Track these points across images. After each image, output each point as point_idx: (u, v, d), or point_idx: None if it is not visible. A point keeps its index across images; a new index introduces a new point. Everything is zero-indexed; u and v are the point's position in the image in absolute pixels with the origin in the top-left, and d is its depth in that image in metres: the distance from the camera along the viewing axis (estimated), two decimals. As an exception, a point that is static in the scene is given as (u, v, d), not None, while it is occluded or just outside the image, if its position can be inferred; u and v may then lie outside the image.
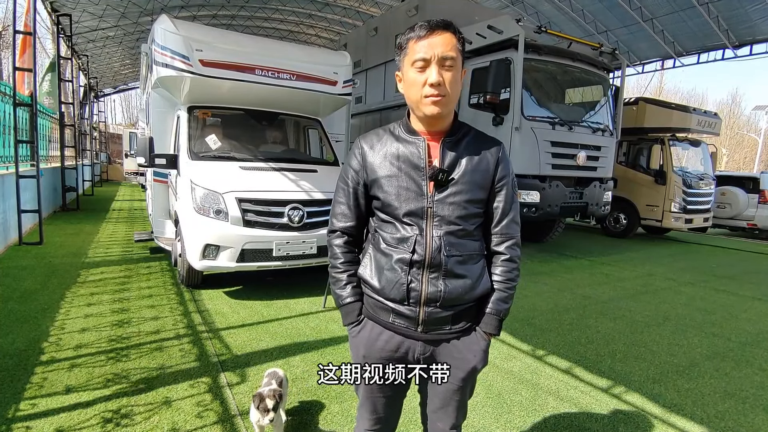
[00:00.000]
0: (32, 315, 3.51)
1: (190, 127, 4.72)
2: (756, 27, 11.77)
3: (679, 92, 40.12)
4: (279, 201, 4.19)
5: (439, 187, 1.23)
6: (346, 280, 1.35)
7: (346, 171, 1.35)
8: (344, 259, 1.35)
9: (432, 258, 1.22)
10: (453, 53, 1.17)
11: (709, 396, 2.79)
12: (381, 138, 1.31)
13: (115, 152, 24.40)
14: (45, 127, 8.99)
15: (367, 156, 1.30)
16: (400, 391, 1.41)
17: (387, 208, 1.27)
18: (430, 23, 1.18)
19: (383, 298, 1.28)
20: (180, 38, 4.25)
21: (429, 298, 1.24)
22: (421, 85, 1.18)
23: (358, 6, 15.38)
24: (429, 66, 1.17)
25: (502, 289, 1.32)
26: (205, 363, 2.86)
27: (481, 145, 1.29)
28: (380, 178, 1.26)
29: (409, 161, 1.25)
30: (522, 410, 2.52)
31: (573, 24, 13.47)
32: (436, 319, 1.26)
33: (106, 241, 6.61)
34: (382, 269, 1.27)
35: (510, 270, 1.33)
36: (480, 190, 1.26)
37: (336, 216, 1.37)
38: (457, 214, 1.23)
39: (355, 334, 1.35)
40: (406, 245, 1.24)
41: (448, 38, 1.17)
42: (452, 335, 1.31)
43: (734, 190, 11.15)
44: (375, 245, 1.32)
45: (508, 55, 6.21)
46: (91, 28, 14.30)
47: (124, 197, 13.84)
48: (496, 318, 1.32)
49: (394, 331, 1.30)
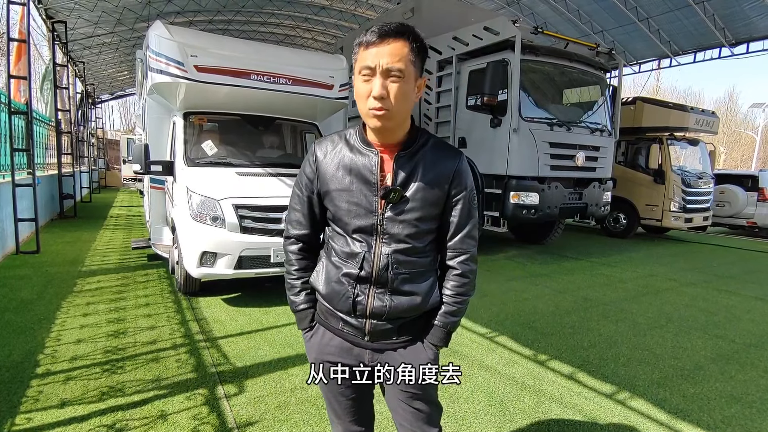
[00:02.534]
0: (28, 326, 3.46)
1: (186, 133, 4.68)
2: (753, 24, 11.77)
3: (675, 91, 40.25)
4: (276, 207, 4.15)
5: (390, 205, 1.20)
6: (300, 287, 1.36)
7: (300, 177, 1.32)
8: (298, 266, 1.35)
9: (379, 275, 1.22)
10: (401, 65, 1.09)
11: (715, 400, 2.75)
12: (336, 146, 1.26)
13: (113, 158, 24.38)
14: (42, 135, 8.95)
15: (320, 165, 1.26)
16: (357, 397, 1.38)
17: (338, 222, 1.26)
18: (382, 29, 1.10)
19: (332, 306, 1.28)
20: (174, 44, 4.21)
21: (374, 312, 1.24)
22: (365, 97, 1.12)
23: (354, 9, 15.39)
24: (374, 76, 1.11)
25: (450, 303, 1.30)
26: (202, 374, 2.82)
27: (437, 158, 1.23)
28: (332, 191, 1.24)
29: (361, 175, 1.20)
30: (525, 418, 2.48)
31: (569, 24, 13.48)
32: (381, 331, 1.27)
33: (104, 248, 6.56)
34: (331, 280, 1.27)
35: (461, 285, 1.30)
36: (433, 207, 1.23)
37: (291, 222, 1.35)
38: (407, 232, 1.21)
39: (308, 339, 1.37)
40: (354, 261, 1.23)
41: (398, 47, 1.10)
42: (398, 345, 1.30)
43: (733, 189, 11.14)
44: (327, 255, 1.31)
45: (505, 57, 6.19)
46: (86, 34, 14.27)
47: (122, 204, 13.79)
48: (442, 330, 1.31)
49: (343, 338, 1.31)
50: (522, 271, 6.13)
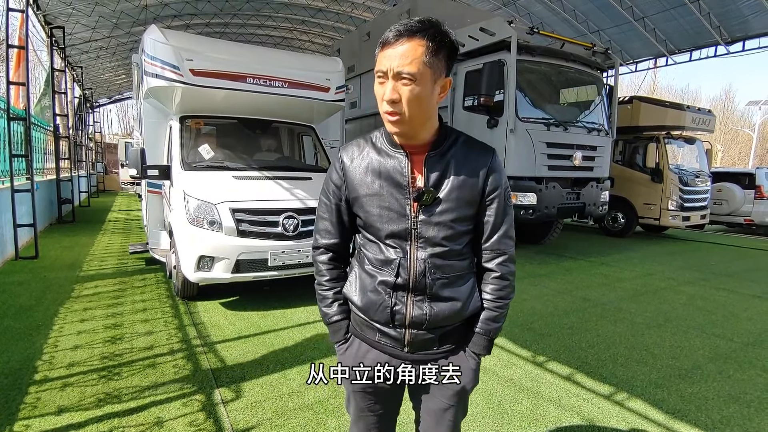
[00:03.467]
0: (27, 332, 3.46)
1: (183, 137, 4.68)
2: (748, 22, 11.79)
3: (672, 90, 40.39)
4: (273, 210, 4.15)
5: (423, 207, 1.15)
6: (332, 297, 1.30)
7: (327, 185, 1.28)
8: (329, 276, 1.31)
9: (417, 282, 1.17)
10: (412, 67, 1.03)
11: (713, 400, 2.75)
12: (362, 150, 1.22)
13: (112, 162, 24.36)
14: (40, 140, 8.94)
15: (348, 170, 1.22)
16: (390, 410, 1.37)
17: (369, 228, 1.22)
18: (398, 28, 1.05)
19: (368, 318, 1.24)
20: (170, 48, 4.21)
21: (414, 321, 1.19)
22: (380, 100, 1.10)
23: (351, 11, 15.39)
24: (387, 79, 1.07)
25: (491, 308, 1.26)
26: (200, 379, 2.81)
27: (469, 155, 1.18)
28: (361, 197, 1.20)
29: (391, 179, 1.16)
30: (523, 420, 2.47)
31: (565, 24, 13.50)
32: (422, 341, 1.22)
33: (101, 253, 6.55)
34: (366, 290, 1.22)
35: (501, 288, 1.25)
36: (468, 207, 1.18)
37: (320, 232, 1.32)
38: (443, 234, 1.16)
39: (343, 352, 1.32)
40: (389, 268, 1.18)
41: (410, 49, 1.03)
42: (440, 355, 1.26)
43: (730, 187, 11.16)
44: (360, 264, 1.27)
45: (501, 57, 6.19)
46: (84, 39, 14.27)
47: (120, 207, 13.77)
48: (485, 338, 1.27)
49: (381, 350, 1.26)
50: (521, 271, 6.13)
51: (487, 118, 6.38)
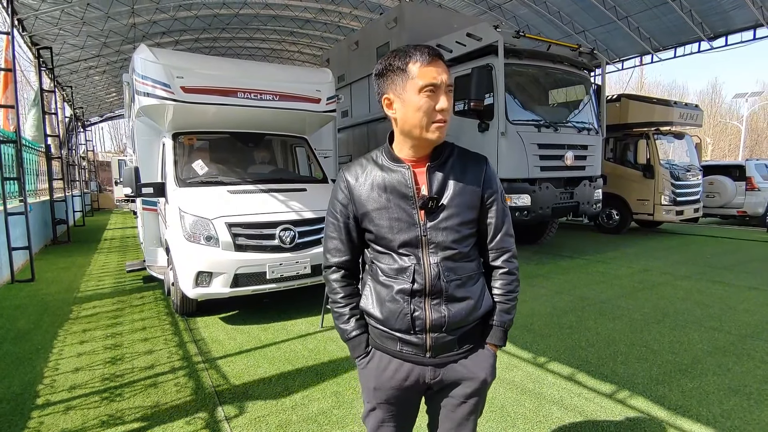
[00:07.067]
0: (27, 356, 3.44)
1: (176, 153, 4.70)
2: (729, 17, 11.98)
3: (660, 85, 40.86)
4: (269, 223, 4.16)
5: (430, 215, 1.24)
6: (348, 314, 1.35)
7: (333, 205, 1.35)
8: (344, 294, 1.36)
9: (432, 285, 1.24)
10: (451, 81, 1.22)
11: (713, 394, 2.77)
12: (365, 168, 1.31)
13: (106, 180, 24.26)
14: (32, 161, 8.91)
15: (354, 189, 1.30)
16: (411, 417, 1.42)
17: (381, 240, 1.28)
18: (427, 50, 1.19)
19: (388, 328, 1.28)
20: (160, 66, 4.24)
21: (434, 325, 1.25)
22: (431, 111, 1.19)
23: (339, 21, 15.51)
24: (438, 92, 1.18)
25: (503, 302, 1.36)
26: (202, 396, 2.80)
27: (466, 165, 1.30)
28: (370, 212, 1.27)
29: (397, 191, 1.25)
30: (526, 422, 2.49)
31: (551, 26, 13.67)
32: (443, 344, 1.28)
33: (98, 273, 6.52)
34: (384, 301, 1.28)
35: (509, 282, 1.36)
36: (470, 211, 1.28)
37: (330, 251, 1.37)
38: (451, 238, 1.25)
39: (364, 366, 1.35)
40: (405, 275, 1.25)
41: (444, 67, 1.21)
42: (460, 356, 1.32)
43: (722, 179, 11.27)
44: (373, 277, 1.32)
45: (489, 62, 6.26)
46: (73, 59, 14.29)
47: (115, 225, 13.70)
48: (500, 329, 1.35)
49: (403, 359, 1.31)
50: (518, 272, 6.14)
51: (478, 122, 6.44)
